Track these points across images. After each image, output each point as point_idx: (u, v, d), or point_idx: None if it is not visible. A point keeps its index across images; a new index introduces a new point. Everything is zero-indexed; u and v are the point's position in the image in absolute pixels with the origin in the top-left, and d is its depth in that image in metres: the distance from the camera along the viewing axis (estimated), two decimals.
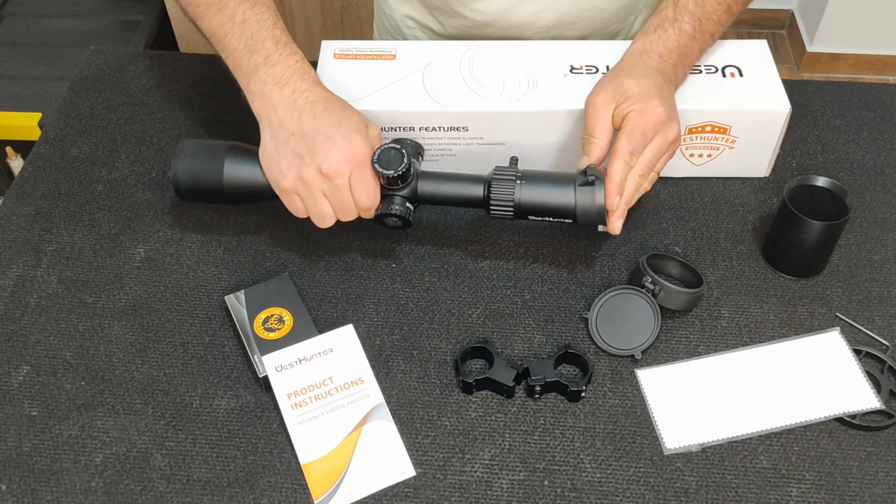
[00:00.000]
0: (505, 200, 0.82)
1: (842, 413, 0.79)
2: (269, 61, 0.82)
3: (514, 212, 0.83)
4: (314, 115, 0.80)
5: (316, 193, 0.80)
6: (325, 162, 0.78)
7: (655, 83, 0.84)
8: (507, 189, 0.82)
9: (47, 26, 1.95)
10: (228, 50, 0.84)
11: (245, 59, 0.83)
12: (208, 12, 0.84)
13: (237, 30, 0.83)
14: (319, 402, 0.78)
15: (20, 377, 0.82)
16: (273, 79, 0.82)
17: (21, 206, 0.96)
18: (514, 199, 0.82)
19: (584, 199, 0.81)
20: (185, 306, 0.87)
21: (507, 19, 1.01)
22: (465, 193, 0.84)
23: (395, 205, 0.82)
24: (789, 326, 0.86)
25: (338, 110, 0.82)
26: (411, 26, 1.11)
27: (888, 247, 0.92)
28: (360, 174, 0.79)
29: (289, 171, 0.80)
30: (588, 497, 0.75)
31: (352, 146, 0.79)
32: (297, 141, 0.80)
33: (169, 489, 0.75)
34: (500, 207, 0.82)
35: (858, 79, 2.60)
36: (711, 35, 0.91)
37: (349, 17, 2.14)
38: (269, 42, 0.83)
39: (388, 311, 0.87)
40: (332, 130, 0.79)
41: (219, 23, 0.84)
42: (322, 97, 0.82)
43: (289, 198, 0.82)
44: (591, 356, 0.83)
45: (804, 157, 1.01)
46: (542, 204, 0.82)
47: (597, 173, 0.82)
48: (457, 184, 0.84)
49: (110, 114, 1.06)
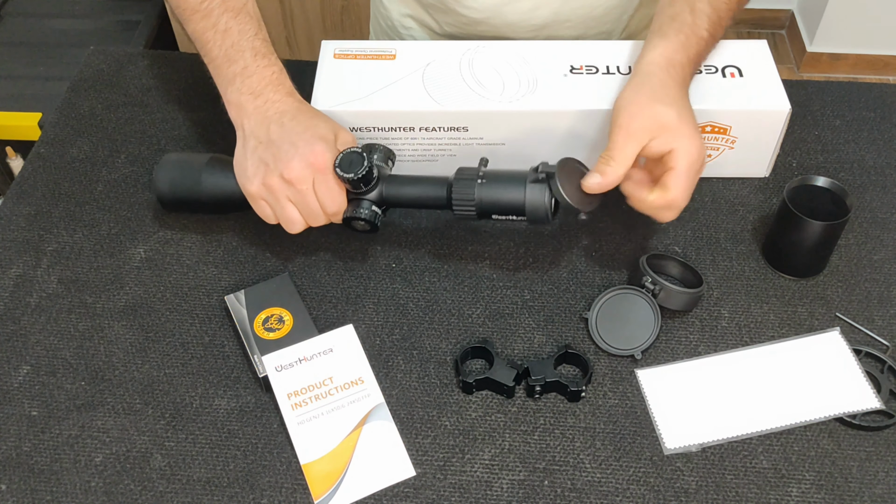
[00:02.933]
0: (465, 200, 0.82)
1: (842, 413, 0.79)
2: (247, 72, 0.84)
3: (476, 211, 0.83)
4: (282, 123, 0.82)
5: (281, 199, 0.81)
6: (287, 168, 0.80)
7: (687, 107, 0.82)
8: (467, 189, 0.82)
9: (47, 26, 1.95)
10: (210, 57, 0.86)
11: (224, 67, 0.85)
12: (193, 18, 0.86)
13: (219, 38, 0.85)
14: (319, 402, 0.78)
15: (20, 377, 0.82)
16: (248, 89, 0.83)
17: (21, 206, 0.96)
18: (474, 198, 0.82)
19: (533, 197, 0.81)
20: (185, 306, 0.87)
21: (501, 17, 1.01)
22: (429, 195, 0.85)
23: (362, 209, 0.83)
24: (789, 326, 0.86)
25: (305, 118, 0.83)
26: (407, 25, 1.12)
27: (888, 247, 0.92)
28: (323, 179, 0.81)
29: (254, 177, 0.81)
30: (588, 497, 0.75)
31: (313, 153, 0.80)
32: (263, 149, 0.81)
33: (169, 489, 0.75)
34: (461, 207, 0.83)
35: (858, 79, 2.60)
36: (719, 38, 0.91)
37: (349, 17, 2.14)
38: (248, 53, 0.84)
39: (388, 311, 0.87)
40: (297, 138, 0.81)
41: (202, 29, 0.85)
42: (292, 107, 0.84)
43: (257, 203, 0.83)
44: (591, 356, 0.83)
45: (804, 157, 1.01)
46: (499, 202, 0.82)
47: (547, 169, 0.81)
48: (421, 186, 0.85)
49: (110, 114, 1.06)
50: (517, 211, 0.82)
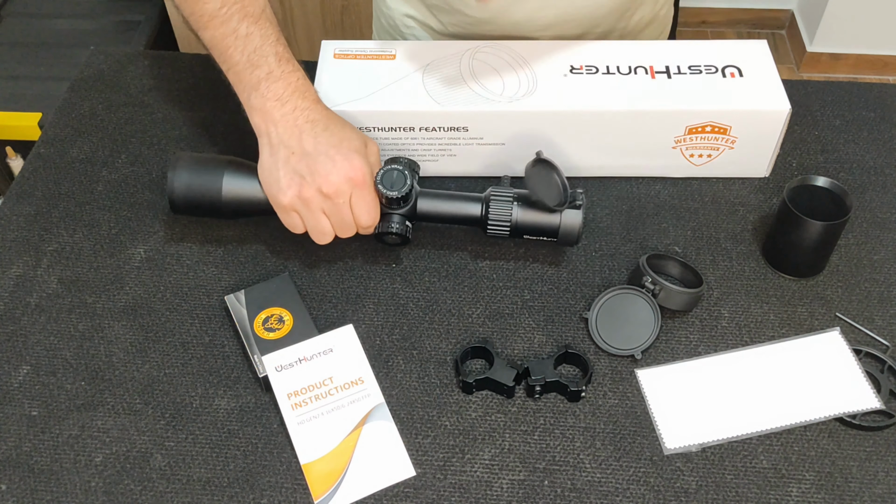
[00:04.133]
0: (502, 221, 0.85)
1: (842, 413, 0.79)
2: (272, 77, 0.83)
3: (510, 231, 0.86)
4: (315, 134, 0.81)
5: (315, 212, 0.81)
6: (326, 182, 0.79)
7: None
8: (504, 210, 0.85)
9: (47, 26, 1.95)
10: (230, 63, 0.84)
11: (247, 73, 0.83)
12: (211, 24, 0.84)
13: (240, 43, 0.83)
14: (319, 402, 0.78)
15: (20, 377, 0.82)
16: (274, 95, 0.82)
17: (21, 206, 0.96)
18: (511, 220, 0.85)
19: (568, 221, 0.85)
20: (185, 306, 0.87)
21: (507, 17, 1.01)
22: (462, 212, 0.87)
23: (395, 223, 0.84)
24: (789, 326, 0.86)
25: (338, 129, 0.83)
26: (410, 25, 1.11)
27: (888, 247, 0.92)
28: (360, 194, 0.81)
29: (288, 188, 0.81)
30: (588, 497, 0.75)
31: (352, 167, 0.80)
32: (297, 160, 0.81)
33: (169, 489, 0.75)
34: (496, 227, 0.86)
35: (858, 79, 2.60)
36: None
37: (349, 17, 2.14)
38: (272, 58, 0.83)
39: (388, 311, 0.87)
40: (333, 151, 0.80)
41: (221, 35, 0.84)
42: (323, 116, 0.83)
43: (287, 215, 0.83)
44: (591, 356, 0.83)
45: (804, 157, 1.01)
46: (534, 225, 0.85)
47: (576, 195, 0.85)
48: (454, 202, 0.87)
49: (110, 114, 1.06)
50: (550, 234, 0.86)
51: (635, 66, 0.95)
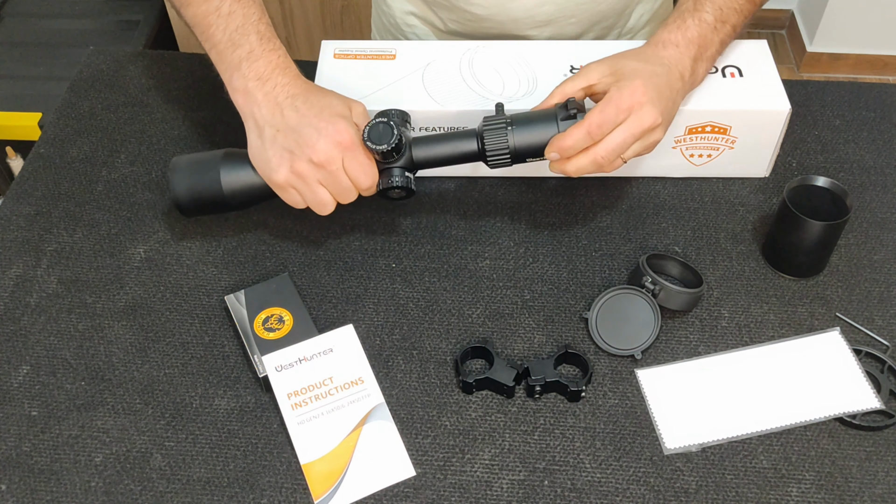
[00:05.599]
0: (501, 149, 0.82)
1: (842, 413, 0.79)
2: (253, 56, 0.82)
3: (511, 158, 0.83)
4: (296, 107, 0.81)
5: (312, 184, 0.81)
6: (315, 152, 0.79)
7: (654, 71, 0.82)
8: (500, 138, 0.82)
9: (47, 26, 1.95)
10: (212, 42, 0.84)
11: (229, 52, 0.83)
12: (194, 2, 0.84)
13: (222, 22, 0.83)
14: (319, 402, 0.78)
15: (20, 377, 0.82)
16: (255, 74, 0.82)
17: (21, 206, 0.96)
18: (508, 145, 0.82)
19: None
20: (185, 306, 0.87)
21: (506, 13, 1.01)
22: (460, 150, 0.84)
23: (395, 177, 0.82)
24: (789, 326, 0.86)
25: (317, 99, 0.82)
26: (410, 23, 1.12)
27: (888, 247, 0.92)
28: (352, 156, 0.80)
29: (280, 166, 0.80)
30: (588, 497, 0.75)
31: (338, 131, 0.79)
32: (283, 136, 0.80)
33: (169, 489, 0.75)
34: (496, 157, 0.82)
35: (858, 79, 2.60)
36: (733, 27, 0.88)
37: (349, 17, 2.14)
38: (254, 36, 0.83)
39: (388, 311, 0.87)
40: (316, 119, 0.80)
41: (203, 13, 0.84)
42: (302, 89, 0.82)
43: (285, 192, 0.82)
44: (591, 356, 0.83)
45: (804, 157, 1.01)
46: (533, 145, 0.82)
47: (578, 106, 0.81)
48: (450, 143, 0.84)
49: (110, 114, 1.06)
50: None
51: None
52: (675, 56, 0.85)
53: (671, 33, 0.86)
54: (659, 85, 0.81)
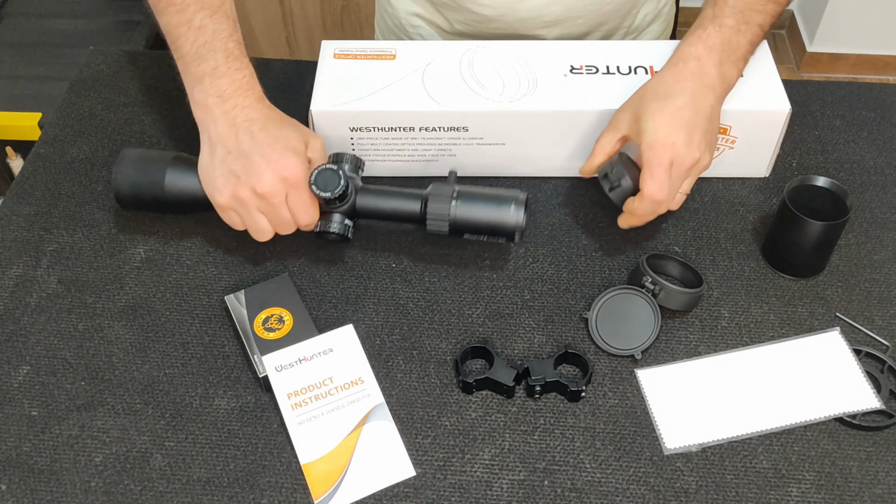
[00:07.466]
0: (440, 217, 0.83)
1: (842, 413, 0.79)
2: (217, 72, 0.82)
3: (449, 228, 0.84)
4: (251, 133, 0.81)
5: (252, 211, 0.81)
6: (260, 182, 0.79)
7: (677, 105, 0.83)
8: (443, 206, 0.83)
9: (47, 26, 1.95)
10: (180, 52, 0.84)
11: (194, 65, 0.83)
12: (167, 11, 0.84)
13: (192, 35, 0.83)
14: (319, 402, 0.78)
15: (20, 377, 0.82)
16: (216, 91, 0.82)
17: (21, 206, 0.96)
18: (449, 216, 0.83)
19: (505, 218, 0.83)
20: (185, 306, 0.87)
21: (514, 13, 1.01)
22: (402, 209, 0.85)
23: (334, 223, 0.83)
24: (789, 326, 0.86)
25: (275, 128, 0.82)
26: (416, 24, 1.11)
27: (888, 247, 0.92)
28: (296, 193, 0.80)
29: (224, 188, 0.81)
30: (588, 497, 0.75)
31: (287, 166, 0.79)
32: (233, 159, 0.80)
33: (169, 489, 0.75)
34: (435, 223, 0.84)
35: (858, 79, 2.60)
36: (760, 26, 0.88)
37: (349, 17, 2.14)
38: (221, 53, 0.83)
39: (388, 311, 0.87)
40: (268, 150, 0.80)
41: (175, 24, 0.84)
42: (262, 115, 0.82)
43: (225, 213, 0.83)
44: (591, 356, 0.83)
45: (804, 157, 1.01)
46: (477, 222, 0.84)
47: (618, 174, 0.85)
48: (395, 200, 0.85)
49: (110, 114, 1.06)
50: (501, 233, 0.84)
51: (635, 66, 0.95)
52: (697, 71, 0.85)
53: (691, 46, 0.87)
54: (685, 118, 0.82)
